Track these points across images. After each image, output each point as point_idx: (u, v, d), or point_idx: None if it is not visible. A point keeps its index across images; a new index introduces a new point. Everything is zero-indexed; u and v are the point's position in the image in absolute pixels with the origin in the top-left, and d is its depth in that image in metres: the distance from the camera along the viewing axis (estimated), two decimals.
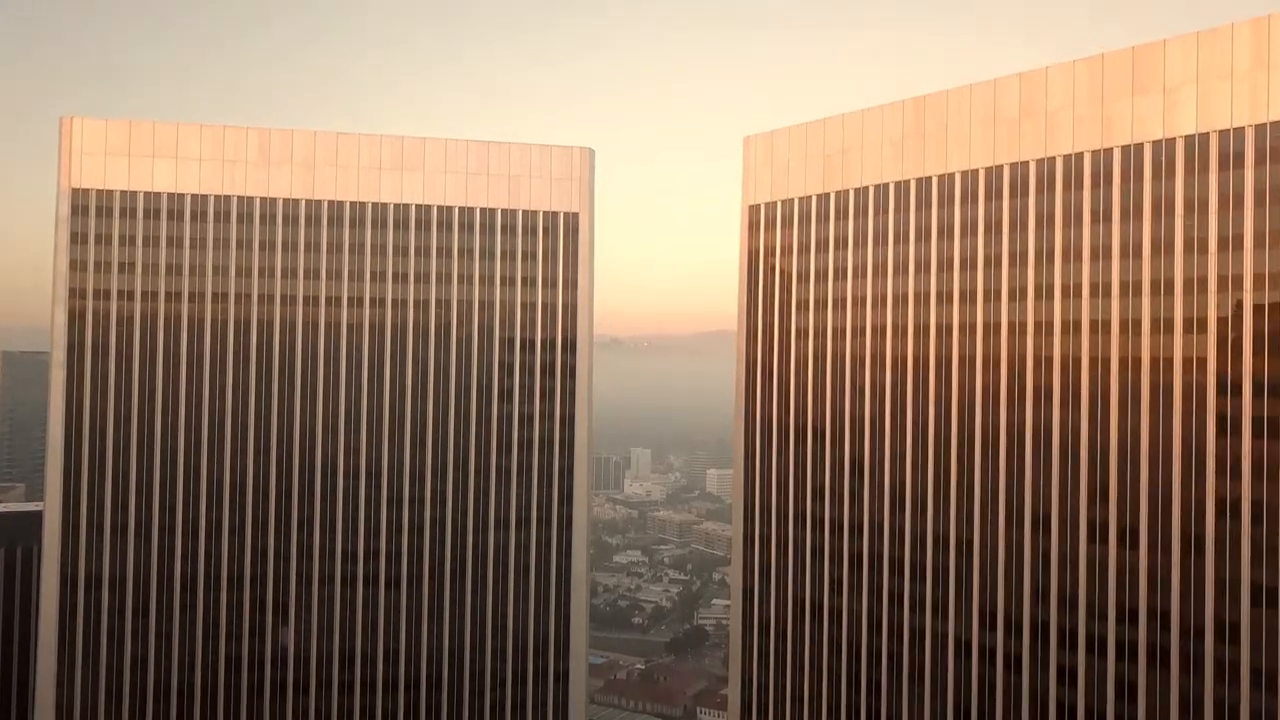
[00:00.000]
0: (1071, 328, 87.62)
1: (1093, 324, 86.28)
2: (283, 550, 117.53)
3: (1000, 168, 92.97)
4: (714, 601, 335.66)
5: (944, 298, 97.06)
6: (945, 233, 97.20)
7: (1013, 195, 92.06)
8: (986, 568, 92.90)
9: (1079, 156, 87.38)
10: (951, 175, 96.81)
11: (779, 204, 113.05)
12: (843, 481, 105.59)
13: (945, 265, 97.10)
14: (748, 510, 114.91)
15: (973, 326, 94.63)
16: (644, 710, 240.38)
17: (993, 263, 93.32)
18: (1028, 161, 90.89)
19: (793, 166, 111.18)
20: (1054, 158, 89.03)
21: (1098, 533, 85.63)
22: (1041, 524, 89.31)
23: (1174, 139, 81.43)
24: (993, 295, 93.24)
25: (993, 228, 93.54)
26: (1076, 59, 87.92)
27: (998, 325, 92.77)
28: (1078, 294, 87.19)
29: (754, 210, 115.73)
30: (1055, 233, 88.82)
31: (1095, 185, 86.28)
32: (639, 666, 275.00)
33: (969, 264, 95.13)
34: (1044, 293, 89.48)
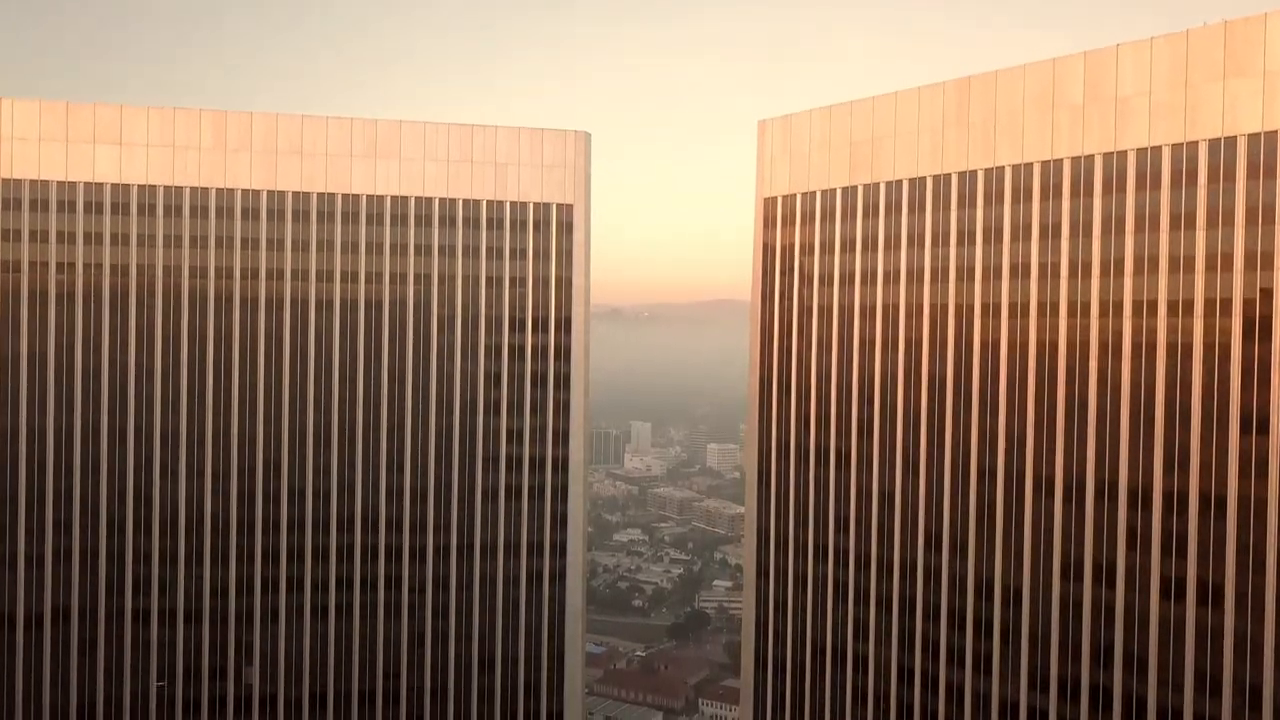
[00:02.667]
0: (1144, 350, 75.25)
1: (1171, 347, 73.92)
2: (244, 578, 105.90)
3: (1059, 162, 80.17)
4: (715, 583, 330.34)
5: (991, 310, 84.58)
6: (993, 235, 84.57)
7: (1075, 194, 79.32)
8: (1038, 621, 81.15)
9: (1156, 151, 74.60)
10: (1000, 169, 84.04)
11: (798, 197, 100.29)
12: (869, 513, 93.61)
13: (992, 273, 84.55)
14: (761, 540, 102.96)
15: (1024, 345, 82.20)
16: (644, 702, 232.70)
17: (1049, 272, 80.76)
18: (1093, 156, 78.09)
19: (815, 155, 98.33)
20: (1125, 152, 76.23)
21: (1173, 589, 73.69)
22: (1104, 575, 77.38)
23: (1275, 131, 68.64)
24: (1049, 309, 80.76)
25: (1050, 232, 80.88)
26: (1154, 36, 74.99)
27: (1054, 344, 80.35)
28: (1152, 311, 74.73)
29: (770, 204, 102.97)
30: (1126, 239, 76.18)
31: (1176, 185, 73.52)
32: (639, 654, 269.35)
33: (1021, 272, 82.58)
34: (1111, 309, 76.99)
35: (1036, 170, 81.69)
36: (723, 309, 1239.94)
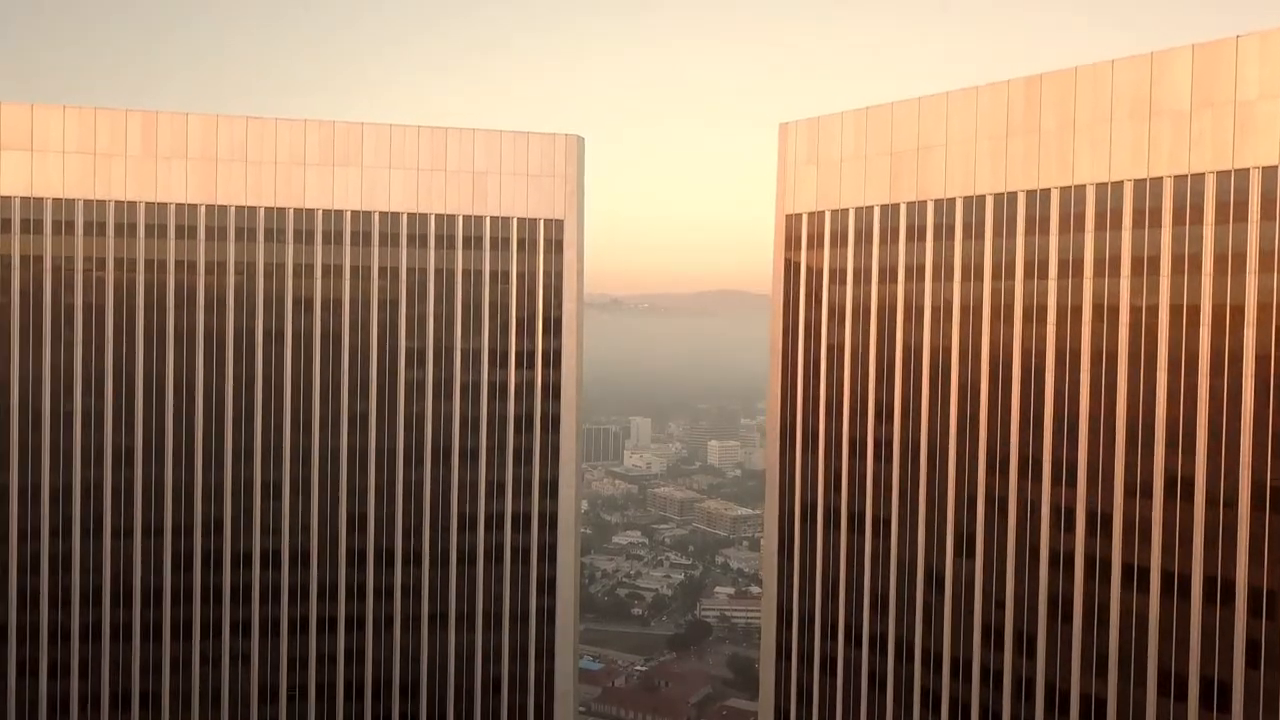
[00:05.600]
0: (1273, 421, 60.06)
1: None
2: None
3: (1159, 181, 64.80)
4: (716, 590, 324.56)
5: (1068, 358, 69.36)
6: (1070, 269, 69.26)
7: (1179, 220, 63.98)
8: None
9: None
10: (1081, 189, 68.69)
11: (827, 215, 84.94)
12: (912, 594, 78.62)
13: (1070, 314, 69.28)
14: (782, 617, 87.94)
15: (1111, 404, 66.94)
16: None
17: (1146, 316, 65.50)
18: (1202, 174, 62.75)
19: (848, 166, 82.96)
20: (1247, 170, 60.90)
21: None
22: (1215, 697, 62.40)
23: None
24: (1144, 360, 65.52)
25: (1145, 266, 65.57)
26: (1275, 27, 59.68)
27: (1150, 405, 65.11)
28: None
29: (793, 222, 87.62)
30: (1249, 279, 60.87)
31: None
32: (639, 668, 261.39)
33: (1107, 315, 67.29)
34: (1228, 361, 61.77)
35: (1128, 191, 66.30)
36: (725, 299, 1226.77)
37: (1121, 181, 66.53)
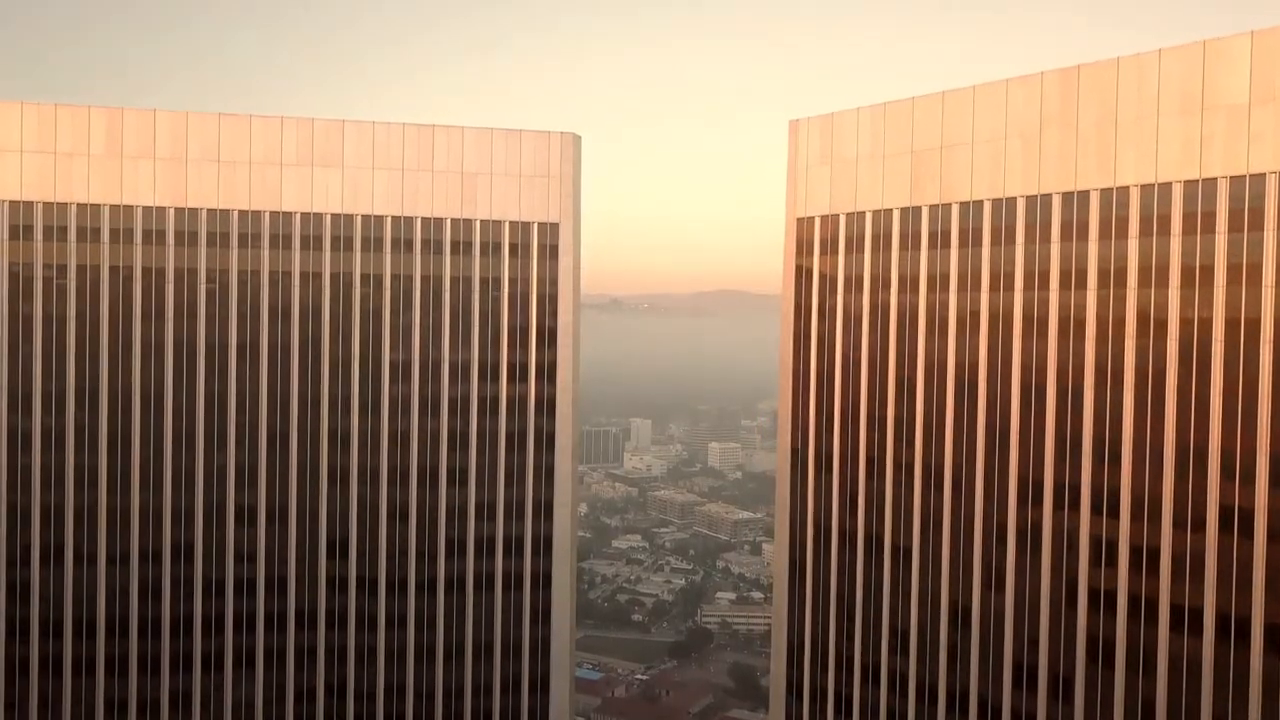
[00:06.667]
0: None
1: None
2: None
3: (1213, 182, 58.73)
4: (718, 596, 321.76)
5: (1109, 374, 63.29)
6: (1112, 279, 63.17)
7: (1235, 226, 57.91)
8: None
9: None
10: (1124, 190, 62.60)
11: (842, 219, 78.86)
12: (936, 630, 72.55)
13: (1111, 326, 63.22)
14: (793, 649, 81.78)
15: (1159, 427, 60.88)
16: None
17: (1199, 329, 59.45)
18: (1262, 175, 56.67)
19: (864, 166, 76.85)
20: None
21: None
22: None
23: None
24: (1196, 377, 59.44)
25: (1195, 277, 59.50)
26: None
27: (1203, 429, 59.07)
28: None
29: (805, 225, 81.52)
30: None
31: None
32: (639, 677, 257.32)
33: (1154, 329, 61.25)
34: None
35: (1178, 193, 60.21)
36: (726, 299, 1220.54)
37: (1170, 183, 60.45)
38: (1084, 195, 64.38)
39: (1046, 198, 66.20)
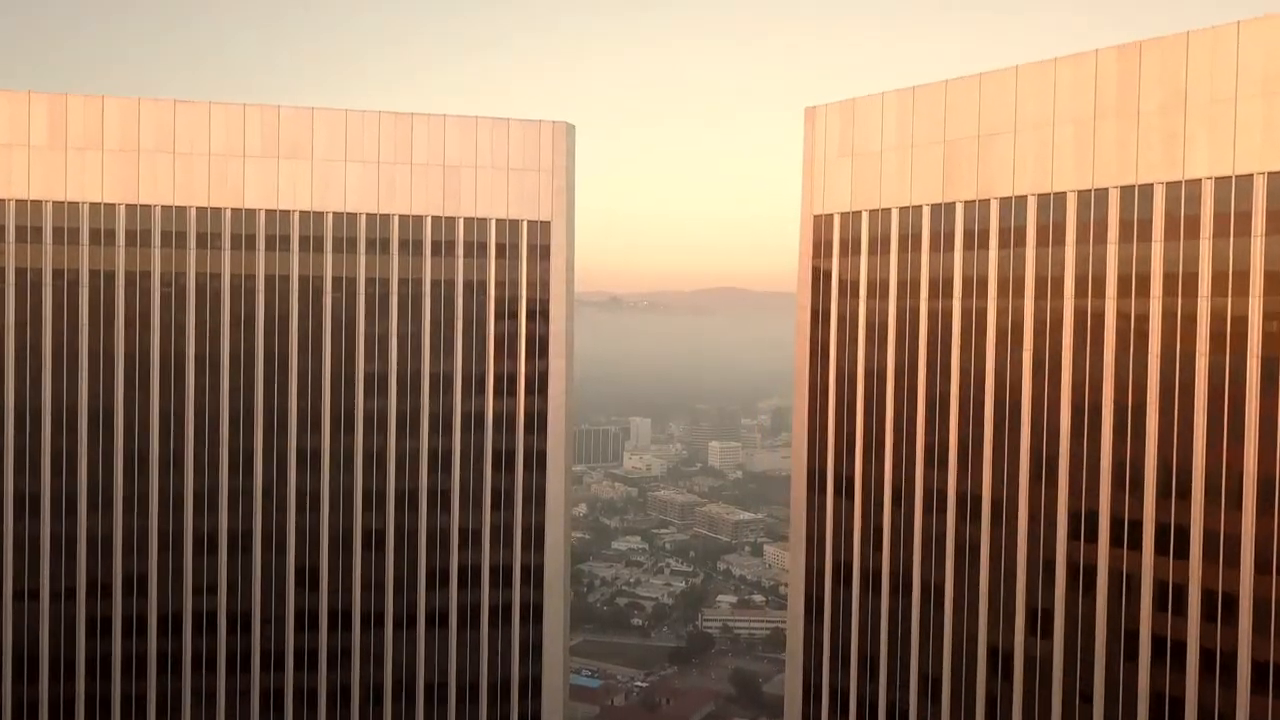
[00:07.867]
0: None
1: None
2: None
3: None
4: (719, 599, 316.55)
5: (1176, 393, 55.39)
6: (1181, 285, 55.27)
7: None
8: None
9: None
10: (1194, 184, 54.66)
11: (864, 216, 70.88)
12: (972, 678, 64.65)
13: (1179, 339, 55.33)
14: (809, 694, 73.81)
15: (1233, 466, 53.00)
16: None
17: (1273, 340, 51.61)
18: None
19: (890, 158, 68.85)
20: None
21: None
22: None
23: None
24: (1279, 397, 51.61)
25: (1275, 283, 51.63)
26: None
27: (1270, 453, 51.26)
28: None
29: (822, 224, 73.55)
30: None
31: None
32: (639, 684, 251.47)
33: (1230, 340, 53.35)
34: None
35: (1260, 186, 52.24)
36: (725, 296, 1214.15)
37: (1250, 175, 52.51)
38: (1146, 189, 56.45)
39: (1102, 192, 58.24)
